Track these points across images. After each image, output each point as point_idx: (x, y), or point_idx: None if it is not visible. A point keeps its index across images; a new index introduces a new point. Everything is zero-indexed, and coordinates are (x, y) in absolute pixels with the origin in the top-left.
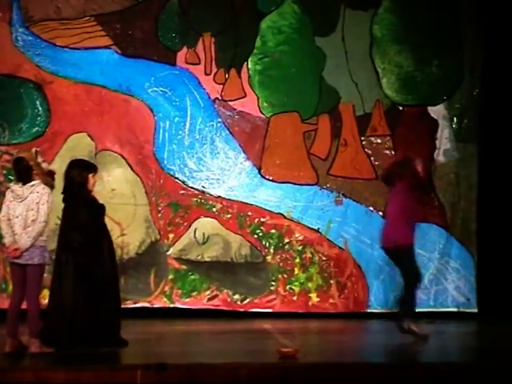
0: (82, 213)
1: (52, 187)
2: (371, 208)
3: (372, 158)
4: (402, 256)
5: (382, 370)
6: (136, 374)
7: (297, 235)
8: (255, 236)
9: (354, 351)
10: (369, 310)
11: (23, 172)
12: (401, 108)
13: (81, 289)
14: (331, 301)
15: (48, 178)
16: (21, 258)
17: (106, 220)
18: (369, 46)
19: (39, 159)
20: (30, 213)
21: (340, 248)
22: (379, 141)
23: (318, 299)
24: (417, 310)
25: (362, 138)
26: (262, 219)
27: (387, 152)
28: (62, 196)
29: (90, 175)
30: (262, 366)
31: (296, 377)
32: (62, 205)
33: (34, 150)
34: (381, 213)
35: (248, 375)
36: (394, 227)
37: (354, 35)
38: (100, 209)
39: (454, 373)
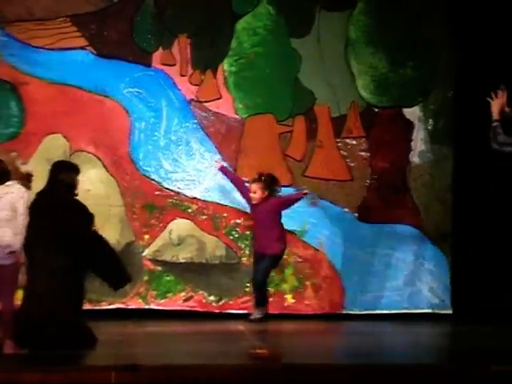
0: (68, 219)
1: (29, 189)
2: (346, 209)
3: (347, 160)
4: None
5: (356, 371)
6: (110, 375)
7: None
8: (231, 237)
9: (329, 352)
10: (344, 312)
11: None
12: (376, 110)
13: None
14: (306, 302)
15: (25, 181)
16: None
17: None
18: (344, 48)
19: (18, 163)
20: (3, 213)
21: (315, 249)
22: (354, 142)
23: (293, 300)
24: (391, 312)
25: (338, 140)
26: (238, 220)
27: (362, 154)
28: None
29: (78, 177)
30: (236, 367)
31: (270, 378)
32: None
33: (13, 154)
34: (356, 214)
35: (222, 377)
36: None
37: (329, 37)
38: (90, 217)
39: (427, 374)
